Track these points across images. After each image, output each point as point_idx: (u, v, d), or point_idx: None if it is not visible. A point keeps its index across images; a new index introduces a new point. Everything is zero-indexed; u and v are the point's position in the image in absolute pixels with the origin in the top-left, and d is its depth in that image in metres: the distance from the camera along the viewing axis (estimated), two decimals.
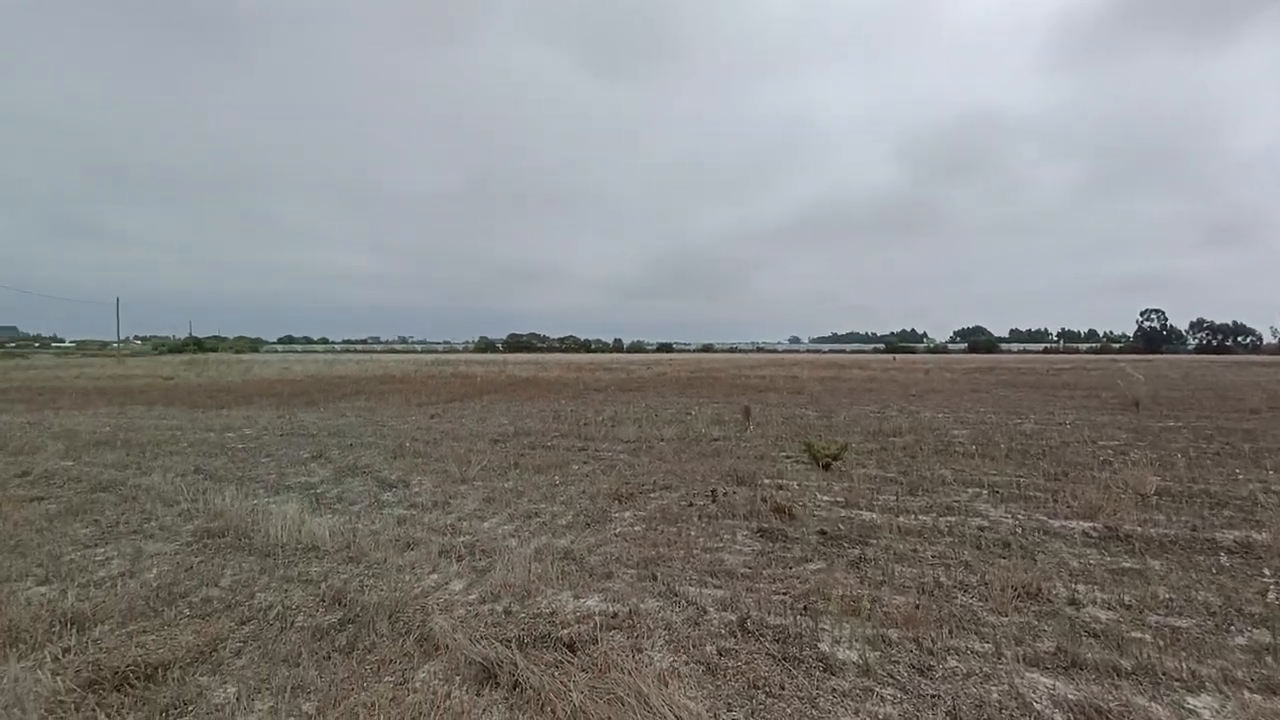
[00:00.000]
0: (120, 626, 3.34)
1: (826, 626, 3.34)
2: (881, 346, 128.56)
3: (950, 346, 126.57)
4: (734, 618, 3.43)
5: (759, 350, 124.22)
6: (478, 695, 2.70)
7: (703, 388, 20.84)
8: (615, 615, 3.43)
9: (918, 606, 3.53)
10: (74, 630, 3.27)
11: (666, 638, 3.22)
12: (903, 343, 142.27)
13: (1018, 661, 2.98)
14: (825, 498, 6.09)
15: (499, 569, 4.09)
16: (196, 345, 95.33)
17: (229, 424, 11.77)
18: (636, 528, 5.12)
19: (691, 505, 5.75)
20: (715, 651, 3.08)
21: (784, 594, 3.77)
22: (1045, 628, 3.32)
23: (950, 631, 3.27)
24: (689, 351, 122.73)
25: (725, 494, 6.06)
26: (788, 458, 8.10)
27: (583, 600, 3.69)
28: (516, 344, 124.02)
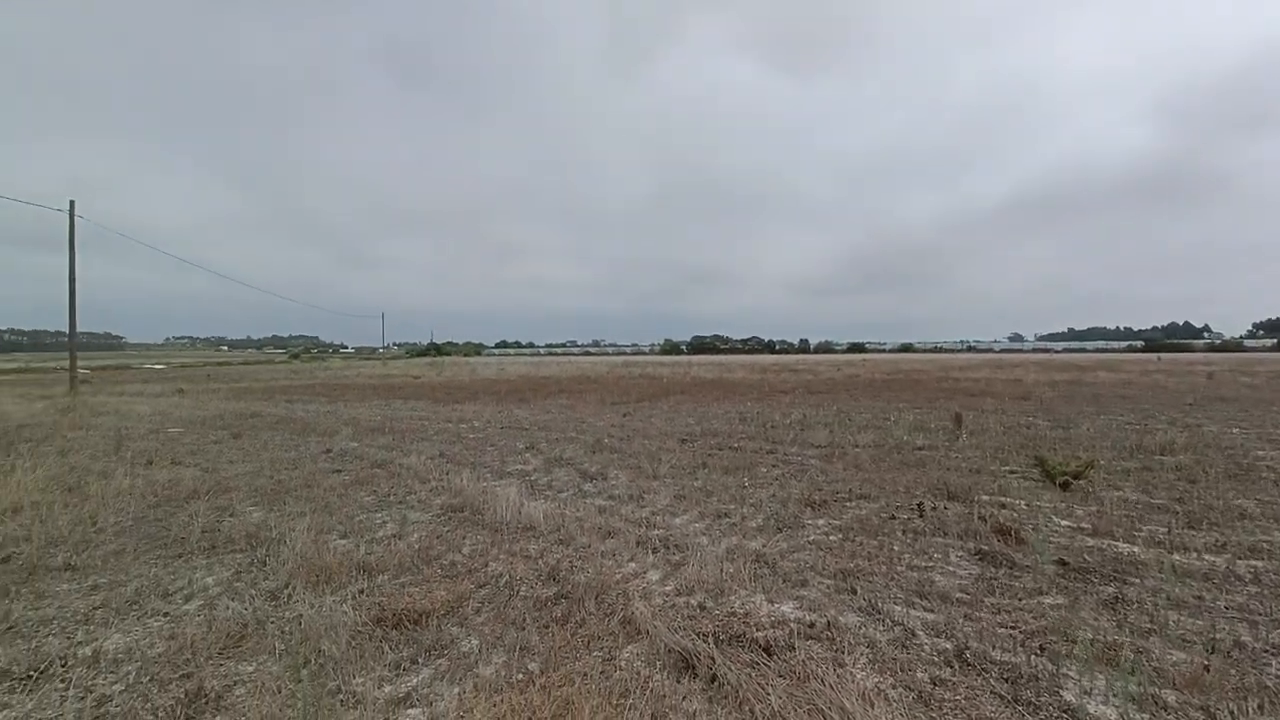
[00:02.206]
0: (394, 578, 4.14)
1: (1071, 673, 2.85)
2: (1138, 344, 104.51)
3: (1247, 343, 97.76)
4: (949, 646, 3.10)
5: (969, 349, 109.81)
6: (677, 682, 2.81)
7: (902, 391, 19.10)
8: (813, 625, 3.32)
9: (1207, 667, 2.83)
10: (365, 576, 4.14)
11: (870, 656, 3.02)
12: (1170, 338, 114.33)
13: None
14: (1064, 522, 5.19)
15: (692, 564, 4.22)
16: (436, 350, 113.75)
17: (462, 416, 13.83)
18: (832, 537, 4.88)
19: (894, 518, 5.31)
20: (928, 679, 2.81)
21: (1011, 628, 3.30)
22: None
23: (1260, 707, 2.56)
24: (884, 352, 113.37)
25: (933, 509, 5.48)
26: (1011, 473, 7.06)
27: (777, 605, 3.63)
28: (700, 346, 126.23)
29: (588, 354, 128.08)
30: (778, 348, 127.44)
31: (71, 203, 23.96)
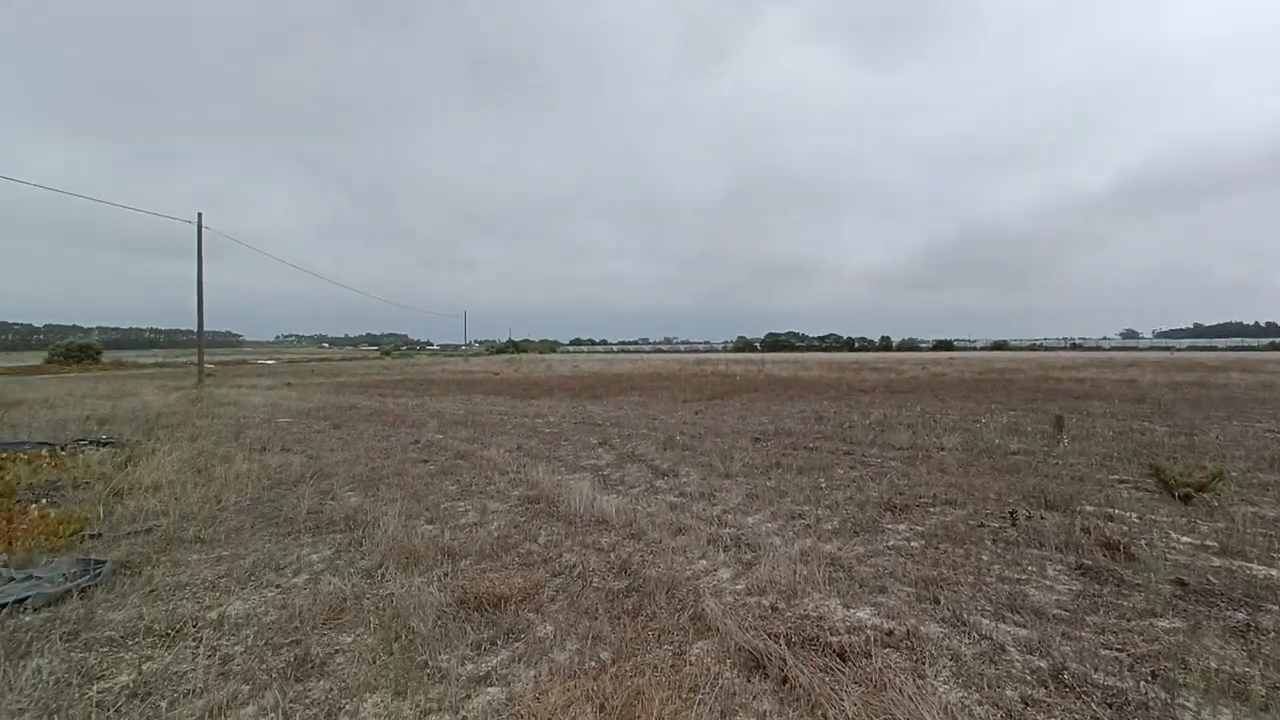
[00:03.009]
0: (476, 563, 4.36)
1: (1189, 704, 2.58)
2: None
3: None
4: (1044, 664, 2.89)
5: (1073, 348, 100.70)
6: (747, 681, 2.80)
7: (994, 391, 17.87)
8: (891, 633, 3.19)
9: None
10: (449, 560, 4.38)
11: (953, 669, 2.87)
12: None
13: None
14: (1184, 539, 4.69)
15: (764, 565, 4.16)
16: (513, 347, 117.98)
17: (538, 411, 14.29)
18: (913, 543, 4.66)
19: (983, 526, 5.00)
20: (1018, 698, 2.63)
21: (1118, 650, 3.03)
22: None
23: None
24: (973, 349, 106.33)
25: (1028, 518, 5.11)
26: (1121, 482, 6.45)
27: (852, 610, 3.52)
28: (774, 343, 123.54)
29: (659, 351, 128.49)
30: (856, 345, 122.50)
31: (199, 215, 26.77)
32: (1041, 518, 5.13)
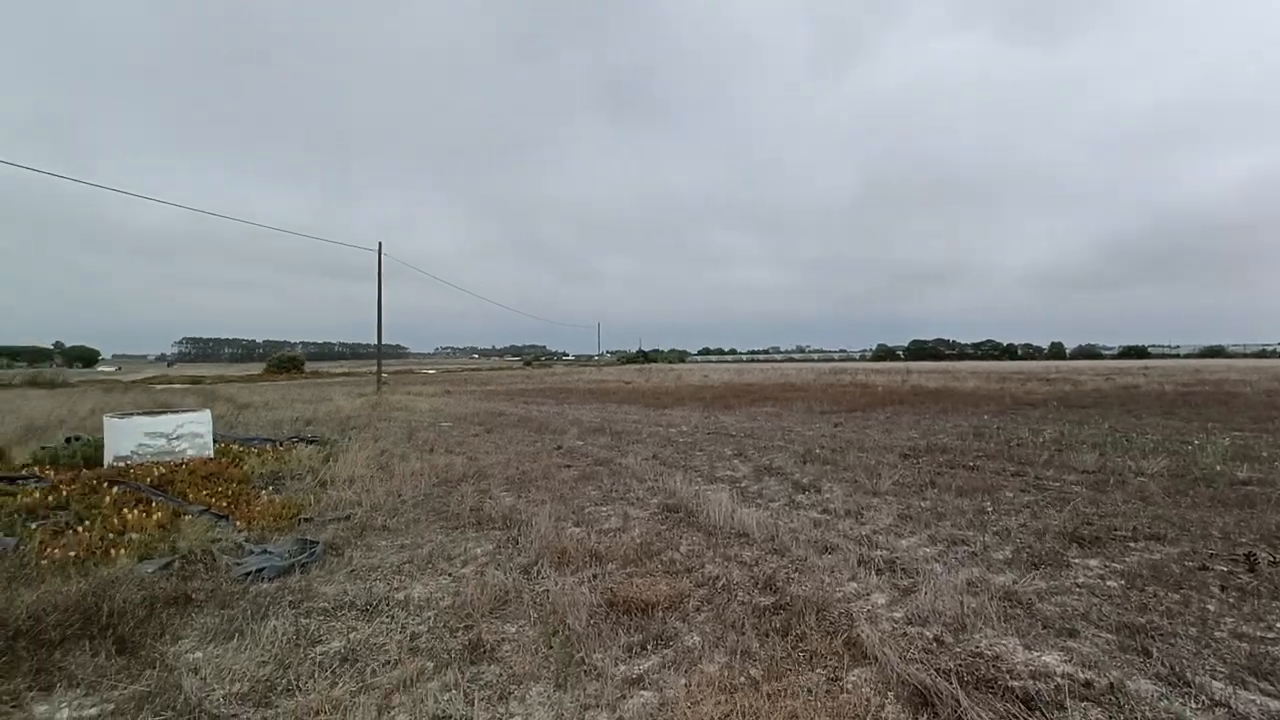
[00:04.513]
0: (621, 568, 4.50)
1: None
2: None
3: None
4: None
5: None
6: (914, 718, 2.59)
7: (1208, 407, 14.97)
8: (1089, 685, 2.78)
9: None
10: (596, 563, 4.57)
11: None
12: None
13: None
14: None
15: (924, 592, 3.84)
16: (644, 356, 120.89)
17: (670, 421, 14.48)
18: (1110, 582, 4.04)
19: (1205, 569, 4.19)
20: None
21: None
22: None
23: None
24: (1176, 357, 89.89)
25: (1272, 562, 4.20)
26: None
27: (1036, 653, 3.13)
28: (920, 350, 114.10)
29: (791, 360, 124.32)
30: (1019, 353, 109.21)
31: (379, 244, 30.85)
32: None
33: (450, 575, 4.45)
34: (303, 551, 4.80)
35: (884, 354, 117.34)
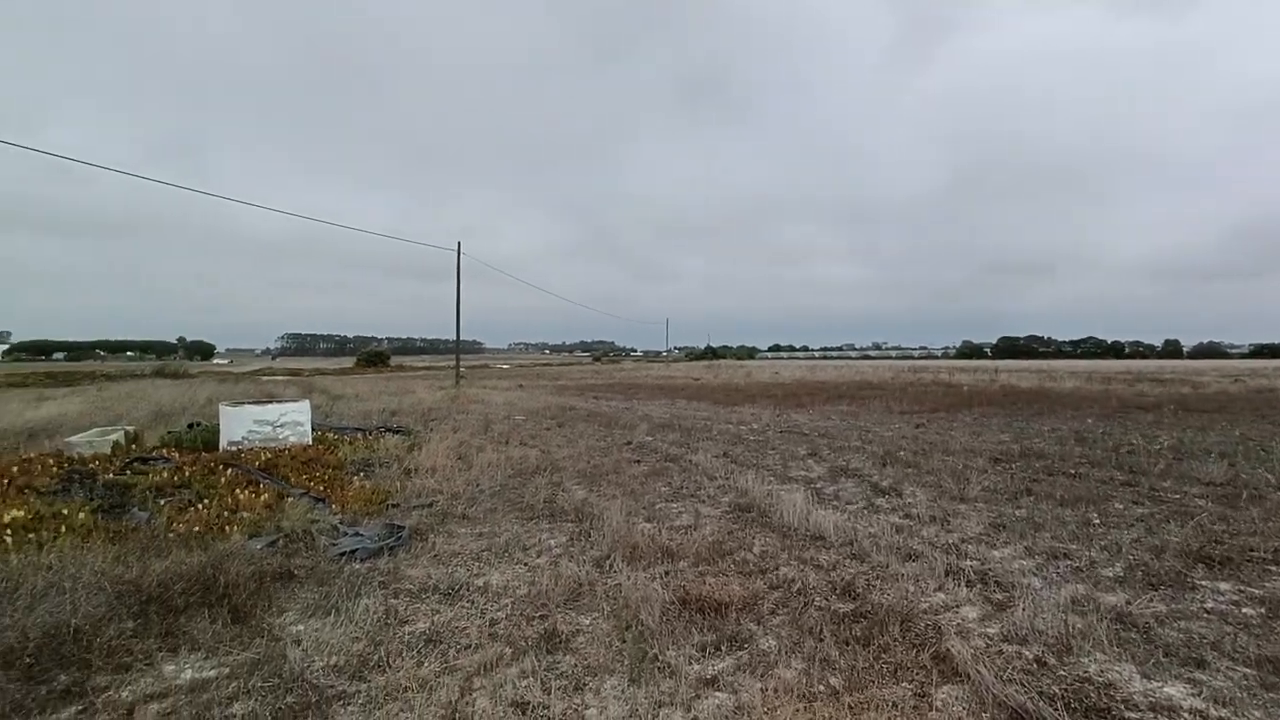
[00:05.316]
0: (693, 566, 4.46)
1: None
2: None
3: None
4: None
5: None
6: None
7: None
8: None
9: None
10: (667, 559, 4.55)
11: None
12: None
13: None
14: None
15: (1022, 609, 3.56)
16: (712, 353, 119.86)
17: (741, 419, 14.26)
18: (1245, 609, 3.59)
19: None
20: None
21: None
22: None
23: None
24: None
25: None
26: None
27: (1156, 684, 2.82)
28: (1011, 348, 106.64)
29: (867, 357, 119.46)
30: (1127, 351, 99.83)
31: (458, 244, 32.23)
32: None
33: (525, 565, 4.57)
34: (390, 535, 5.08)
35: (969, 351, 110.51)
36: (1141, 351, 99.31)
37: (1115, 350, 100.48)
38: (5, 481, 6.36)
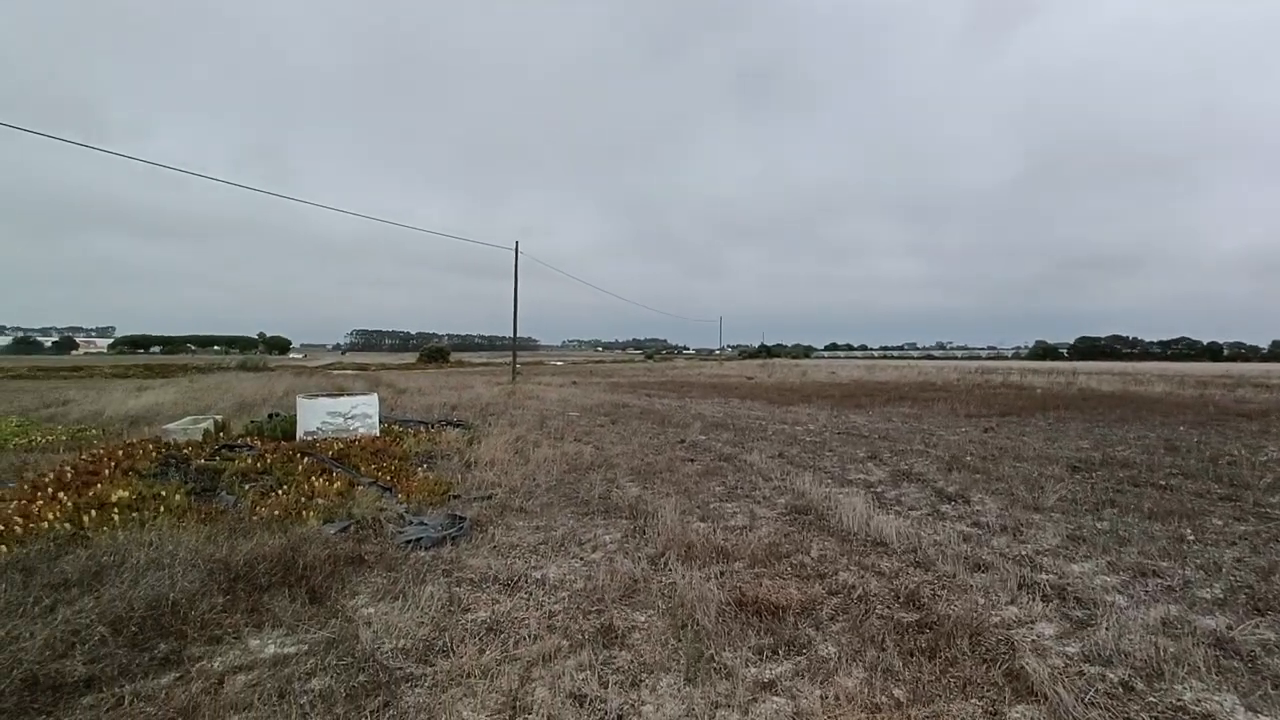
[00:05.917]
0: (748, 567, 4.41)
1: None
2: None
3: None
4: None
5: None
6: None
7: None
8: None
9: None
10: (723, 560, 4.52)
11: None
12: None
13: None
14: None
15: (1105, 627, 3.33)
16: (766, 351, 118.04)
17: (796, 419, 13.97)
18: None
19: None
20: None
21: None
22: None
23: None
24: None
25: None
26: None
27: (1265, 718, 2.58)
28: (1090, 349, 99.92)
29: (930, 357, 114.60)
30: (1225, 353, 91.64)
31: (516, 243, 33.05)
32: None
33: (581, 559, 4.64)
34: (453, 525, 5.26)
35: (1043, 352, 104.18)
36: (1243, 354, 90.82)
37: (1212, 352, 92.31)
38: (113, 464, 6.98)
